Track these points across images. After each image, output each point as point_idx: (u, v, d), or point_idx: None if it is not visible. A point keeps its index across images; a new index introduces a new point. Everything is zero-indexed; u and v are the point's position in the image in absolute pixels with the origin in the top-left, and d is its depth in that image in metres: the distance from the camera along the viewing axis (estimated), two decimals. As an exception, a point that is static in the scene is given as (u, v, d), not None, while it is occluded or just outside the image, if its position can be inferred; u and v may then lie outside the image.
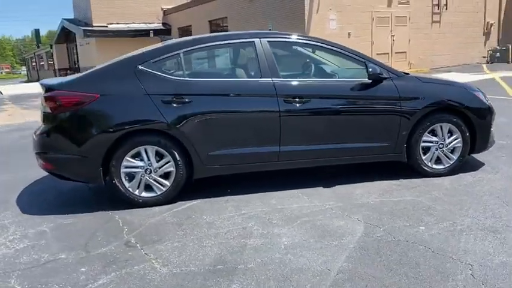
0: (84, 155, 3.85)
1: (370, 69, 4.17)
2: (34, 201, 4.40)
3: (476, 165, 4.80)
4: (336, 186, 4.35)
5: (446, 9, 19.05)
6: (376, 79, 4.24)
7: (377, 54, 16.72)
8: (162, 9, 26.73)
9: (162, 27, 26.57)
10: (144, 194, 4.00)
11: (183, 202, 4.09)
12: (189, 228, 3.51)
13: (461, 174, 4.56)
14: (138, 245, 3.25)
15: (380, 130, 4.33)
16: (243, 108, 4.07)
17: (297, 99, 4.11)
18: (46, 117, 3.96)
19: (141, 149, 3.92)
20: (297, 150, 4.21)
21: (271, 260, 2.91)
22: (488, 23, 20.89)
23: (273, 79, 4.12)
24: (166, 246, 3.20)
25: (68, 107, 3.83)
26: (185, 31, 25.22)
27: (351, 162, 4.43)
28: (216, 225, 3.55)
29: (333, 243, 3.14)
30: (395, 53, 17.91)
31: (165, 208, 3.97)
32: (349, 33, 16.34)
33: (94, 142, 3.83)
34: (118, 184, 3.91)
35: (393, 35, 17.74)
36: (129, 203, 4.00)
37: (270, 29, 17.40)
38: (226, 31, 20.49)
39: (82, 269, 2.92)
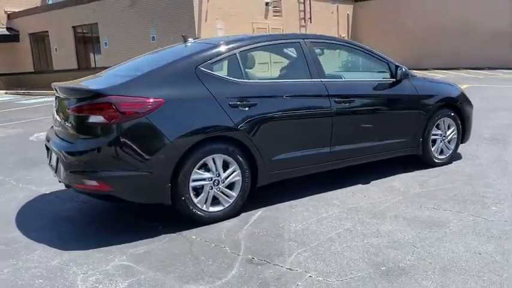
0: (151, 170, 3.28)
1: (403, 69, 4.47)
2: (55, 235, 3.56)
3: (456, 156, 5.43)
4: (372, 182, 4.52)
5: (311, 22, 20.93)
6: (403, 79, 4.56)
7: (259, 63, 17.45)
8: (5, 12, 23.41)
9: (7, 33, 23.31)
10: (211, 209, 3.59)
11: (247, 213, 3.78)
12: (295, 237, 3.28)
13: (455, 162, 5.16)
14: (265, 261, 2.91)
15: (406, 126, 4.66)
16: (304, 110, 3.96)
17: (344, 99, 4.17)
18: (93, 129, 3.25)
19: (210, 158, 3.51)
20: (344, 149, 4.25)
21: (420, 255, 2.92)
22: (340, 35, 23.58)
23: (321, 79, 4.11)
24: (298, 258, 2.95)
25: (130, 115, 3.21)
26: (40, 38, 22.61)
27: (382, 158, 4.65)
28: (316, 231, 3.38)
29: (446, 231, 3.29)
30: (273, 62, 18.92)
31: (236, 221, 3.62)
32: (234, 42, 16.71)
33: (163, 155, 3.30)
34: (187, 201, 3.43)
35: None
36: (194, 220, 3.53)
37: (153, 36, 16.77)
38: (97, 38, 19.05)
39: (242, 297, 2.52)
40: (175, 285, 2.69)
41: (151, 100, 3.27)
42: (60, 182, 3.71)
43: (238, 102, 3.62)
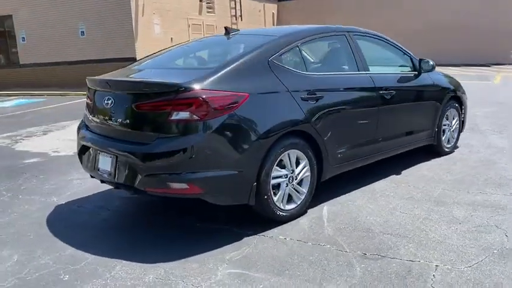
0: (241, 169, 3.05)
1: (430, 62, 4.66)
2: (122, 247, 3.17)
3: (451, 144, 5.81)
4: (403, 172, 4.65)
5: (242, 20, 20.94)
6: (427, 72, 4.76)
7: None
8: None
9: None
10: (287, 207, 3.44)
11: (312, 210, 3.68)
12: (385, 229, 3.26)
13: (456, 151, 5.51)
14: (380, 256, 2.86)
15: (429, 116, 4.87)
16: (359, 102, 3.96)
17: (385, 91, 4.23)
18: (177, 127, 2.93)
19: (286, 154, 3.36)
20: (388, 140, 4.34)
21: (514, 236, 3.09)
22: (267, 33, 23.94)
23: (367, 72, 4.14)
24: (409, 249, 2.94)
25: (221, 110, 2.95)
26: None
27: (412, 148, 4.81)
28: (399, 222, 3.39)
29: (513, 213, 3.51)
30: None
31: (309, 218, 3.52)
32: (171, 38, 16.16)
33: (251, 151, 3.09)
34: (269, 200, 3.25)
35: (204, 42, 18.42)
36: (273, 219, 3.37)
37: (82, 31, 15.64)
38: (11, 33, 17.23)
39: (393, 292, 2.45)
40: (314, 287, 2.53)
41: (239, 94, 3.04)
42: (117, 187, 3.31)
43: (308, 95, 3.50)
